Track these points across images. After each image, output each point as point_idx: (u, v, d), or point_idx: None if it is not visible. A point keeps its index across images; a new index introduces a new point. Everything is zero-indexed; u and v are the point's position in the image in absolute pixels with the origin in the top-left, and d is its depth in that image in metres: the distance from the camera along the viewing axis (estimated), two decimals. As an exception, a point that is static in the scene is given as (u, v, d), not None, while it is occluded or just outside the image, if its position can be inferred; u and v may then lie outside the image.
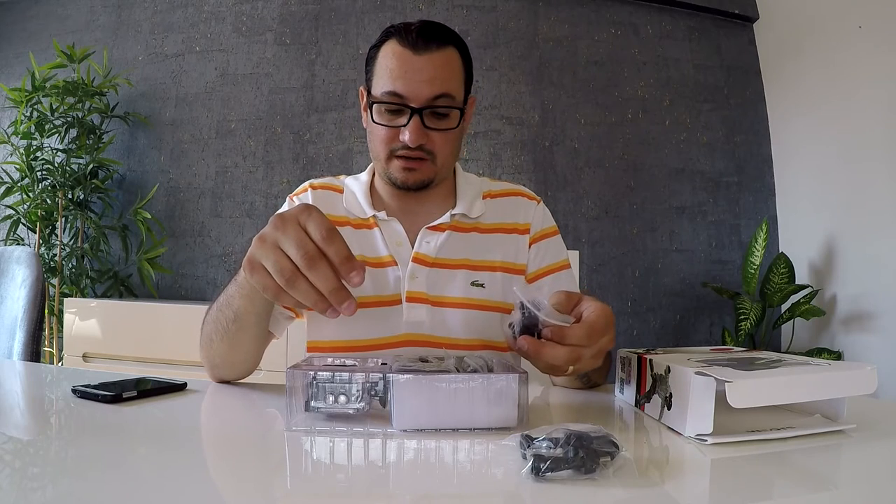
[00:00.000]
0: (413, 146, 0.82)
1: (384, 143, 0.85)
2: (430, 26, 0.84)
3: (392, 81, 0.81)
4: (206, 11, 2.63)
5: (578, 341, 0.55)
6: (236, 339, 0.72)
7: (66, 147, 2.40)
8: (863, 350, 2.11)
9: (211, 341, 0.73)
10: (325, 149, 2.53)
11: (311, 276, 0.52)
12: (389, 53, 0.83)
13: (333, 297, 0.53)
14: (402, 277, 0.85)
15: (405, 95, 0.81)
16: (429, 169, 0.86)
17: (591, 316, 0.57)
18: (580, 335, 0.56)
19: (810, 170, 2.40)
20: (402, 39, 0.82)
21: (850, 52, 2.16)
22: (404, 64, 0.81)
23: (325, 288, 0.52)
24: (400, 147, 0.83)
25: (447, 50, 0.83)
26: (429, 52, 0.81)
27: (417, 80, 0.80)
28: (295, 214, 0.54)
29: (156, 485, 0.40)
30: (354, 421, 0.53)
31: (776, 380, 0.51)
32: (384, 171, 0.88)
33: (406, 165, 0.84)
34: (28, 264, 1.13)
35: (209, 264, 2.53)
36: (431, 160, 0.85)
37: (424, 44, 0.81)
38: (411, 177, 0.85)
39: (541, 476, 0.40)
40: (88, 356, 2.06)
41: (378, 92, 0.83)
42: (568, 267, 0.95)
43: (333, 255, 0.52)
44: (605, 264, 2.49)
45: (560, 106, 2.53)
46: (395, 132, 0.83)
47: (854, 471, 0.48)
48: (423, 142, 0.82)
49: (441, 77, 0.82)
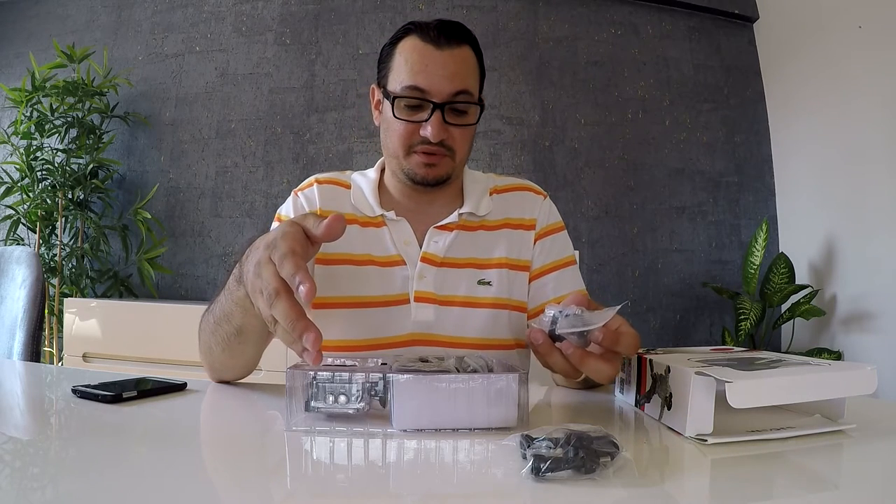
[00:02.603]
0: (435, 141, 0.81)
1: (403, 139, 0.84)
2: (450, 24, 0.84)
3: (413, 76, 0.81)
4: (206, 11, 2.63)
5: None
6: (239, 350, 0.72)
7: (66, 147, 2.40)
8: (863, 350, 2.11)
9: (211, 350, 0.73)
10: (325, 149, 2.53)
11: (274, 313, 0.49)
12: (409, 48, 0.82)
13: (294, 330, 0.48)
14: (411, 277, 0.85)
15: (427, 90, 0.80)
16: (448, 164, 0.85)
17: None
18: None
19: (810, 170, 2.40)
20: (422, 35, 0.82)
21: (850, 52, 2.16)
22: (425, 59, 0.81)
23: (285, 322, 0.49)
24: (419, 142, 0.83)
25: (466, 48, 0.84)
26: (450, 48, 0.82)
27: (440, 75, 0.80)
28: (266, 247, 0.52)
29: (156, 485, 0.40)
30: (354, 421, 0.53)
31: (776, 380, 0.51)
32: (401, 167, 0.86)
33: (427, 161, 0.84)
34: (28, 264, 1.13)
35: (209, 264, 2.53)
36: (451, 156, 0.85)
37: (446, 40, 0.82)
38: (431, 172, 0.85)
39: (541, 476, 0.40)
40: (88, 356, 2.06)
41: (397, 87, 0.82)
42: (574, 263, 0.94)
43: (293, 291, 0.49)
44: (605, 264, 2.49)
45: (560, 106, 2.54)
46: (415, 127, 0.82)
47: (854, 471, 0.48)
48: (444, 137, 0.82)
49: (461, 73, 0.82)
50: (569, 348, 0.54)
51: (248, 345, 0.71)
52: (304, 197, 0.92)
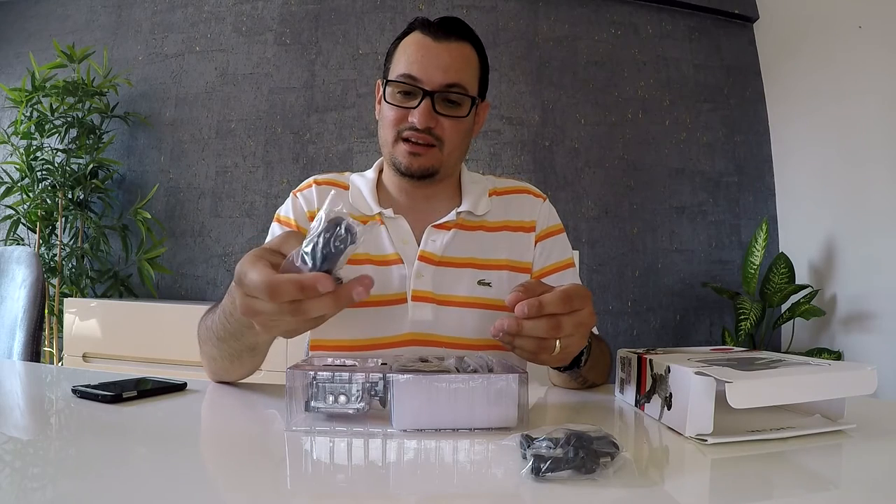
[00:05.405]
0: (421, 128, 0.82)
1: (393, 125, 0.85)
2: (453, 20, 0.86)
3: (408, 65, 0.83)
4: (206, 11, 2.63)
5: (555, 308, 0.56)
6: (249, 361, 0.72)
7: (66, 147, 2.40)
8: (863, 350, 2.11)
9: (213, 360, 0.72)
10: (325, 149, 2.53)
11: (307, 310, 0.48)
12: (410, 42, 0.85)
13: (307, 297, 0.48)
14: (408, 276, 0.85)
15: (419, 78, 0.82)
16: (435, 156, 0.85)
17: (565, 287, 0.58)
18: (556, 301, 0.56)
19: (810, 170, 2.40)
20: (424, 29, 0.85)
21: (849, 52, 2.16)
22: (422, 49, 0.83)
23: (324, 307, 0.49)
24: (407, 128, 0.84)
25: (465, 44, 0.86)
26: (448, 41, 0.84)
27: (433, 65, 0.82)
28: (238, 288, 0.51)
29: (156, 485, 0.40)
30: (354, 421, 0.53)
31: (776, 380, 0.51)
32: (391, 156, 0.87)
33: (412, 150, 0.84)
34: (28, 264, 1.13)
35: (209, 264, 2.53)
36: (439, 147, 0.85)
37: (445, 34, 0.84)
38: (416, 161, 0.85)
39: (541, 476, 0.40)
40: (88, 356, 2.05)
41: (394, 76, 0.85)
42: (573, 266, 0.95)
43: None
44: (605, 264, 2.49)
45: (560, 106, 2.54)
46: (405, 113, 0.84)
47: (854, 471, 0.48)
48: (431, 125, 0.83)
49: (456, 67, 0.83)
50: (503, 323, 0.56)
51: (261, 355, 0.72)
52: (303, 198, 0.92)
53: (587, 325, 0.59)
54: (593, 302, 0.60)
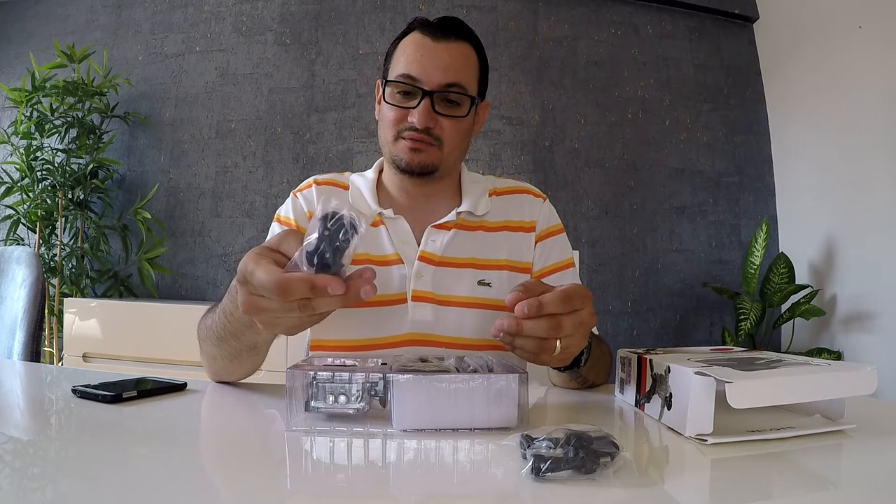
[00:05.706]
0: (420, 128, 0.82)
1: (392, 124, 0.85)
2: (452, 20, 0.86)
3: (408, 65, 0.83)
4: (206, 11, 2.63)
5: (555, 308, 0.56)
6: (250, 361, 0.72)
7: (66, 147, 2.40)
8: (863, 350, 2.11)
9: (213, 360, 0.72)
10: (325, 149, 2.53)
11: (316, 306, 0.50)
12: (409, 42, 0.85)
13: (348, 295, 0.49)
14: (408, 276, 0.85)
15: (418, 78, 0.82)
16: (435, 154, 0.85)
17: (565, 287, 0.58)
18: (556, 301, 0.56)
19: (810, 170, 2.40)
20: (423, 29, 0.85)
21: (849, 52, 2.16)
22: (421, 49, 0.83)
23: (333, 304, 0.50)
24: (407, 128, 0.84)
25: (464, 44, 0.86)
26: (447, 41, 0.84)
27: (432, 65, 0.82)
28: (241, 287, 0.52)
29: (156, 485, 0.40)
30: (354, 421, 0.53)
31: (776, 380, 0.51)
32: (391, 153, 0.87)
33: (413, 146, 0.84)
34: (28, 264, 1.13)
35: (209, 264, 2.53)
36: (438, 146, 0.85)
37: (444, 34, 0.84)
38: (416, 157, 0.85)
39: (541, 476, 0.40)
40: (88, 356, 2.06)
41: (393, 76, 0.85)
42: (573, 266, 0.95)
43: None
44: (605, 264, 2.49)
45: (560, 106, 2.54)
46: (404, 113, 0.84)
47: (854, 471, 0.48)
48: (431, 125, 0.83)
49: (455, 66, 0.83)
50: (503, 323, 0.56)
51: (261, 355, 0.72)
52: (303, 198, 0.92)
53: (587, 325, 0.59)
54: (593, 302, 0.60)
